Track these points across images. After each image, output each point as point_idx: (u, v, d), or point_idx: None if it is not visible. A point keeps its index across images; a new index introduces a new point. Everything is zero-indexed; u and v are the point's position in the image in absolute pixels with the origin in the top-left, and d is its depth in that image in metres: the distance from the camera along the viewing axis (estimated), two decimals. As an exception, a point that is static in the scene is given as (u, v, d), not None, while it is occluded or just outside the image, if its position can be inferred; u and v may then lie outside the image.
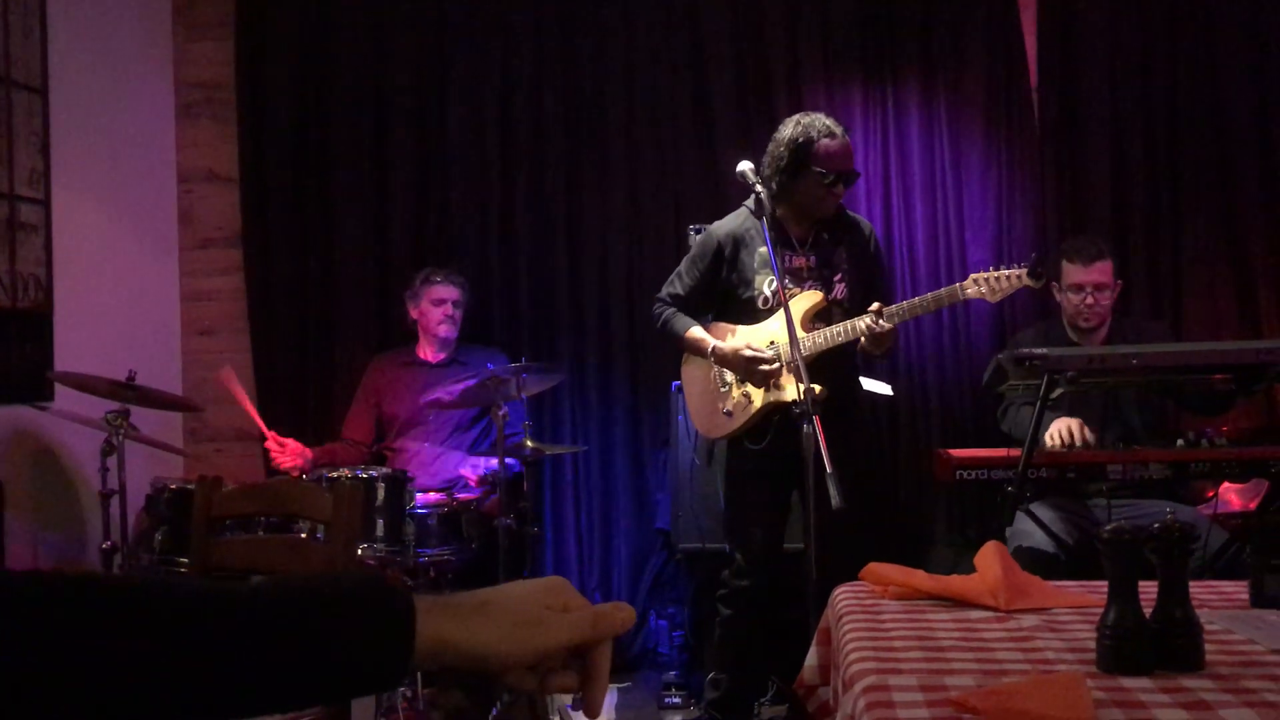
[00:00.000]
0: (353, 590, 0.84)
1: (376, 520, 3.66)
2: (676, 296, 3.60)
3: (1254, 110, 4.46)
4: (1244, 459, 3.22)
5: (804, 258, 3.48)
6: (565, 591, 0.92)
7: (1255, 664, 1.39)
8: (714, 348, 3.45)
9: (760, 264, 3.45)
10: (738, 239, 3.49)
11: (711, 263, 3.53)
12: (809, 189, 3.41)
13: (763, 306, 3.45)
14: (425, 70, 4.83)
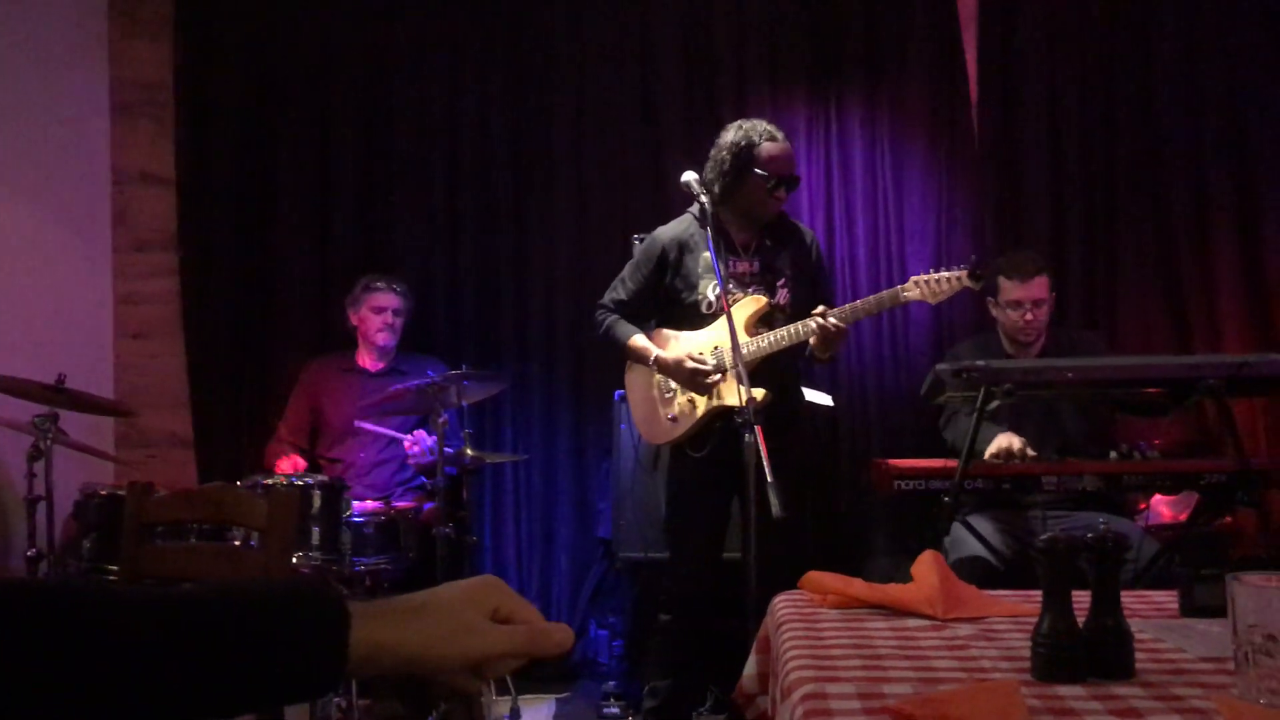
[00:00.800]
0: (285, 595, 0.82)
1: (312, 528, 3.60)
2: (619, 302, 3.59)
3: (1187, 129, 4.56)
4: (1175, 472, 3.29)
5: (748, 263, 3.50)
6: (498, 592, 0.91)
7: (1184, 671, 1.41)
8: (657, 357, 3.45)
9: (704, 269, 3.45)
10: (682, 244, 3.50)
11: (655, 267, 3.53)
12: (751, 193, 3.42)
13: (706, 311, 3.46)
14: (370, 74, 4.79)
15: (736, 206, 3.48)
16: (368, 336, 4.35)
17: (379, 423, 4.24)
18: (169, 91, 4.82)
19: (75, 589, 0.80)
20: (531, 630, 0.91)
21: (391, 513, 3.88)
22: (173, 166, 4.82)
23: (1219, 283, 4.51)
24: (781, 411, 3.36)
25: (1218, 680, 1.36)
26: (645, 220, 4.21)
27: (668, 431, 3.52)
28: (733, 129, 3.48)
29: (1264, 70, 4.52)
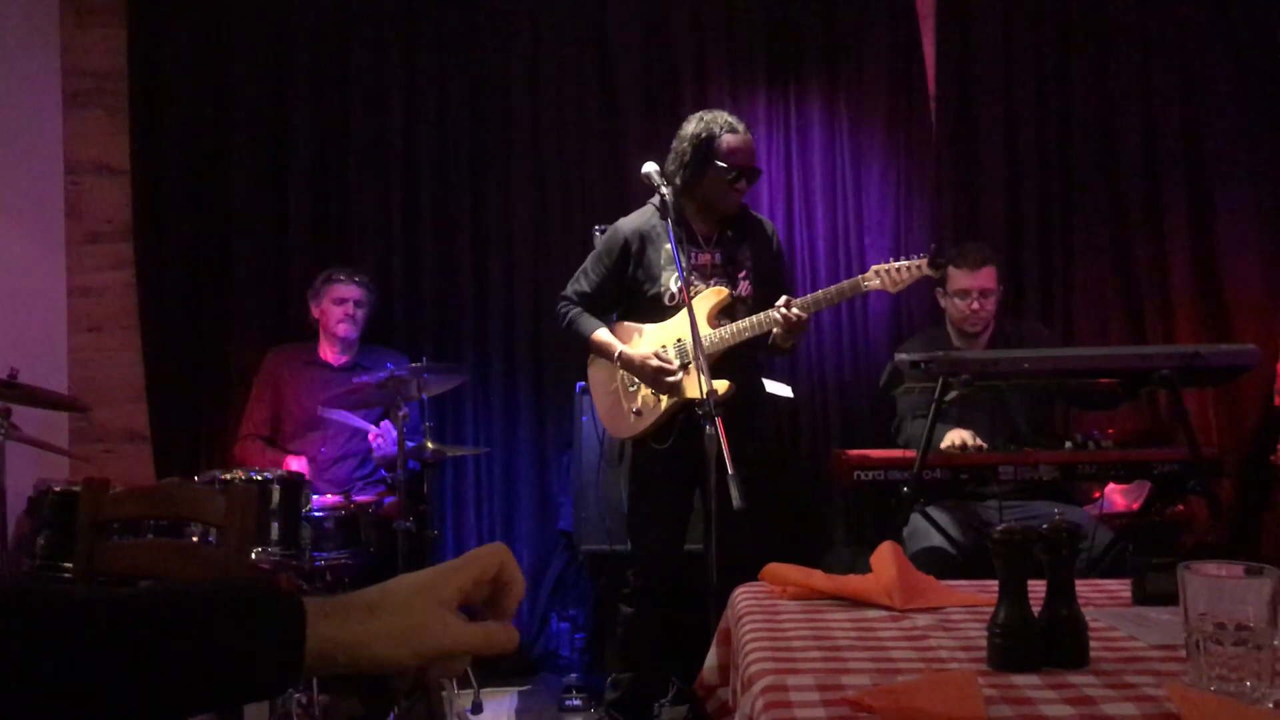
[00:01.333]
0: (241, 595, 0.82)
1: (271, 523, 3.57)
2: (582, 294, 3.59)
3: (1140, 122, 4.62)
4: (1128, 461, 3.33)
5: (709, 254, 3.51)
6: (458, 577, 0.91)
7: (1137, 659, 1.43)
8: (621, 353, 3.45)
9: (666, 260, 3.46)
10: (644, 235, 3.50)
11: (618, 259, 3.53)
12: (712, 184, 3.43)
13: (669, 303, 3.46)
14: (327, 63, 4.75)
15: (697, 198, 3.49)
16: (329, 328, 4.32)
17: (334, 433, 4.22)
18: (122, 80, 4.75)
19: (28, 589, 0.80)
20: (485, 631, 0.91)
21: (352, 507, 3.86)
22: (126, 157, 4.75)
23: (1172, 275, 4.58)
24: (742, 403, 3.38)
25: (1169, 668, 1.38)
26: (605, 212, 4.21)
27: (632, 425, 3.53)
28: (694, 120, 3.49)
29: (1217, 64, 4.59)
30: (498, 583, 0.94)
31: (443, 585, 0.90)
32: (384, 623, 0.85)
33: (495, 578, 0.94)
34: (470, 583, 0.92)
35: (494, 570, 0.93)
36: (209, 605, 0.81)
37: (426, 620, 0.87)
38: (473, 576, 0.92)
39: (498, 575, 0.94)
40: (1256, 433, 4.42)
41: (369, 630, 0.85)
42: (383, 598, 0.87)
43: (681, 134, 3.50)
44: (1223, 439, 4.44)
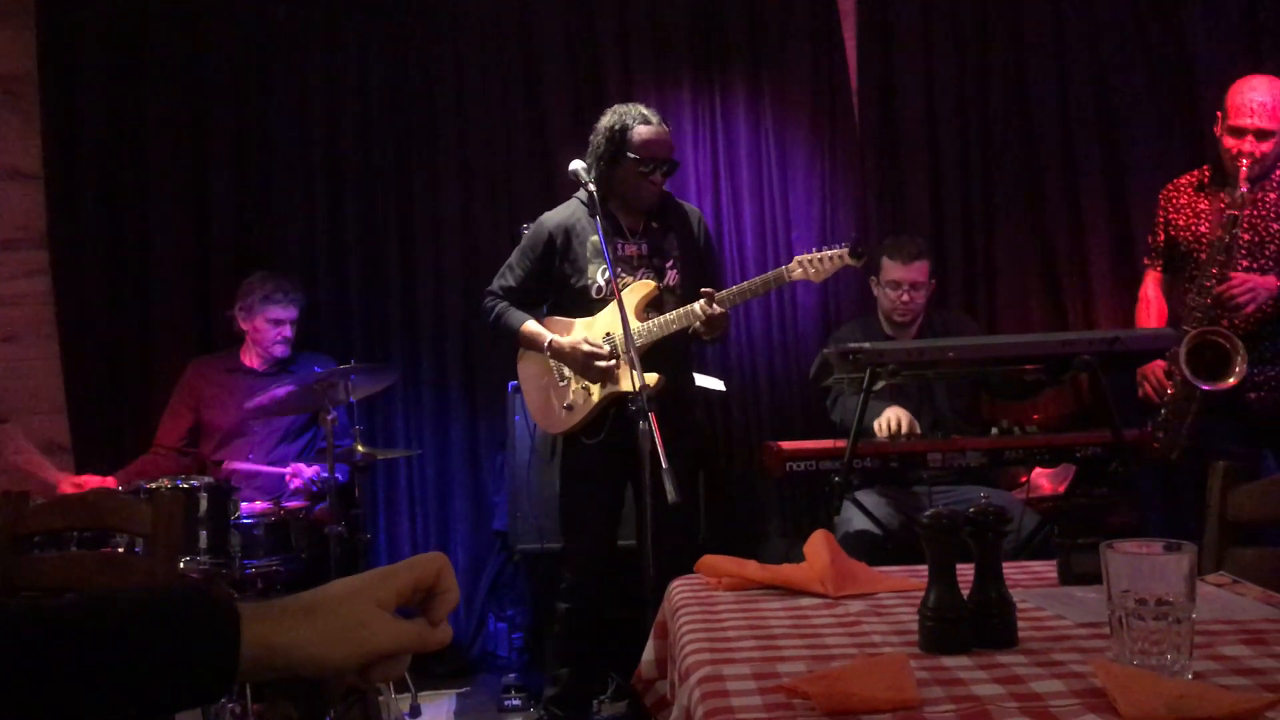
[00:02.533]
0: (172, 600, 0.81)
1: (199, 532, 3.51)
2: (508, 289, 3.57)
3: (1058, 115, 4.70)
4: (1054, 446, 3.41)
5: (635, 246, 3.51)
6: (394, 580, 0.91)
7: (1064, 638, 1.46)
8: (551, 342, 3.44)
9: (592, 253, 3.45)
10: (569, 229, 3.49)
11: (543, 253, 3.52)
12: (627, 177, 3.43)
13: (596, 296, 3.46)
14: (245, 63, 4.67)
15: (615, 190, 3.48)
16: (263, 346, 4.23)
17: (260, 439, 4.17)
18: (32, 83, 4.61)
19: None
20: (420, 629, 0.91)
21: (281, 513, 3.80)
22: (39, 162, 4.62)
23: (1091, 263, 4.67)
24: (673, 396, 3.39)
25: (1094, 644, 1.41)
26: (532, 207, 4.19)
27: (564, 420, 3.52)
28: (608, 113, 3.50)
29: (1130, 58, 4.69)
30: (433, 591, 0.94)
31: (379, 588, 0.90)
32: (320, 624, 0.85)
33: (431, 586, 0.94)
34: (409, 588, 0.92)
35: (431, 579, 0.93)
36: (139, 611, 0.79)
37: (363, 620, 0.87)
38: (411, 582, 0.92)
39: (434, 584, 0.94)
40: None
41: (305, 632, 0.84)
42: (318, 600, 0.87)
43: (597, 127, 3.50)
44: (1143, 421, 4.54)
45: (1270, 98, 3.64)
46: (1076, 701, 1.18)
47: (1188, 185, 3.93)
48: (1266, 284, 3.58)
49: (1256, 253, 3.70)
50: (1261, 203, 3.72)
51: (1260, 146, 3.63)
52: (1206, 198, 3.84)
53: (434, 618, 0.94)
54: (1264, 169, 3.70)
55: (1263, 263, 3.69)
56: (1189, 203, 3.89)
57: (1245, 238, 3.69)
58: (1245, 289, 3.56)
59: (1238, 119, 3.65)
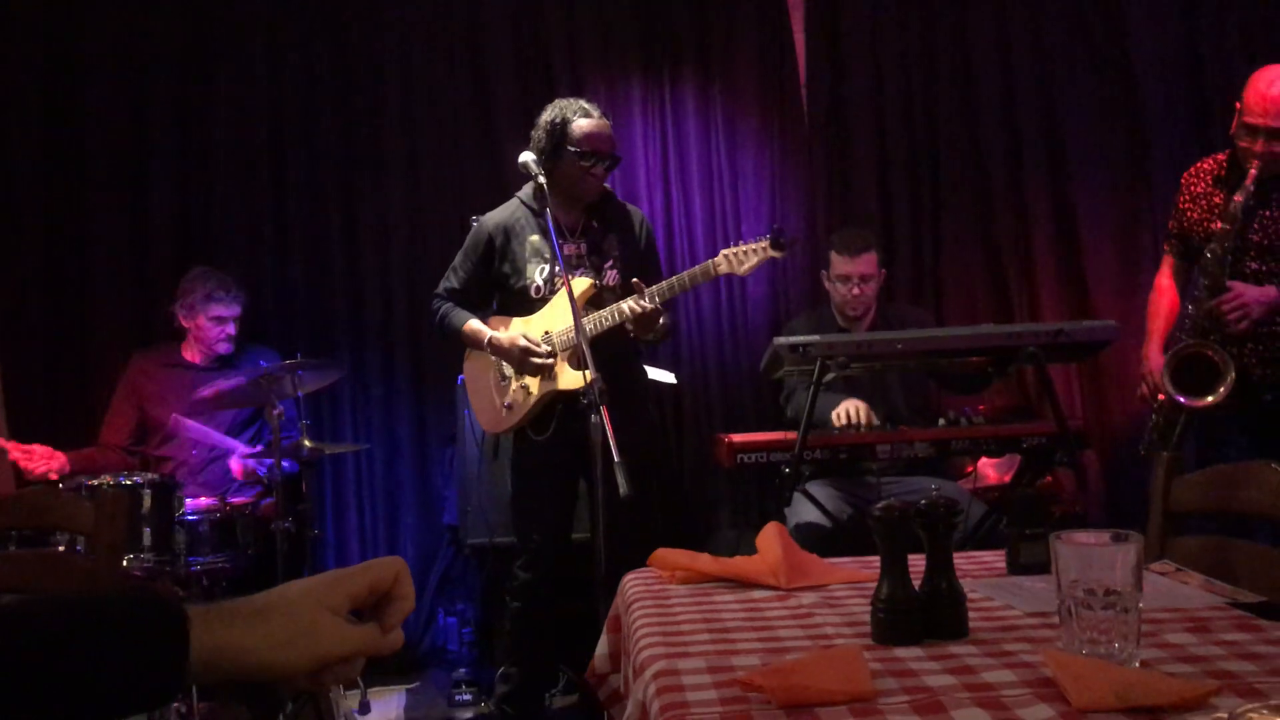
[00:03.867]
0: (120, 604, 0.79)
1: (143, 529, 3.46)
2: (452, 290, 3.58)
3: (1003, 108, 4.76)
4: (999, 436, 3.45)
5: (574, 245, 3.50)
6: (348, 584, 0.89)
7: (1013, 628, 1.48)
8: (490, 338, 3.45)
9: (531, 253, 3.45)
10: (508, 229, 3.49)
11: (483, 254, 3.53)
12: (567, 170, 3.42)
13: (535, 295, 3.45)
14: (186, 51, 4.59)
15: (557, 186, 3.45)
16: (206, 344, 4.16)
17: (206, 422, 4.10)
18: (-35, 72, 4.51)
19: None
20: (371, 633, 0.90)
21: (227, 509, 3.75)
22: (-27, 156, 4.52)
23: (1036, 256, 4.74)
24: (620, 390, 3.37)
25: (1043, 634, 1.43)
26: (482, 201, 4.16)
27: (503, 420, 3.53)
28: (549, 108, 3.49)
29: (1073, 54, 4.76)
30: (389, 596, 0.93)
31: (333, 592, 0.88)
32: (272, 628, 0.83)
33: (388, 590, 0.92)
34: (363, 591, 0.90)
35: (387, 583, 0.92)
36: (85, 615, 0.78)
37: (314, 625, 0.85)
38: (366, 585, 0.91)
39: (391, 589, 0.92)
40: (1118, 405, 4.61)
41: (256, 636, 0.83)
42: (270, 603, 0.86)
43: (538, 121, 3.49)
44: (1086, 412, 4.62)
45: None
46: (1027, 691, 1.19)
47: (1208, 173, 3.65)
48: (1262, 297, 3.36)
49: (1267, 255, 3.47)
50: (1276, 203, 3.47)
51: (1274, 147, 3.36)
52: (1222, 191, 3.56)
53: (387, 624, 0.93)
54: (1277, 170, 3.43)
55: (1273, 265, 3.47)
56: (1205, 193, 3.63)
57: (1256, 239, 3.47)
58: (1235, 305, 3.35)
59: (1251, 116, 3.38)
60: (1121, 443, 4.56)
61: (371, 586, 0.91)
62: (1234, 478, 1.86)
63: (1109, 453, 4.63)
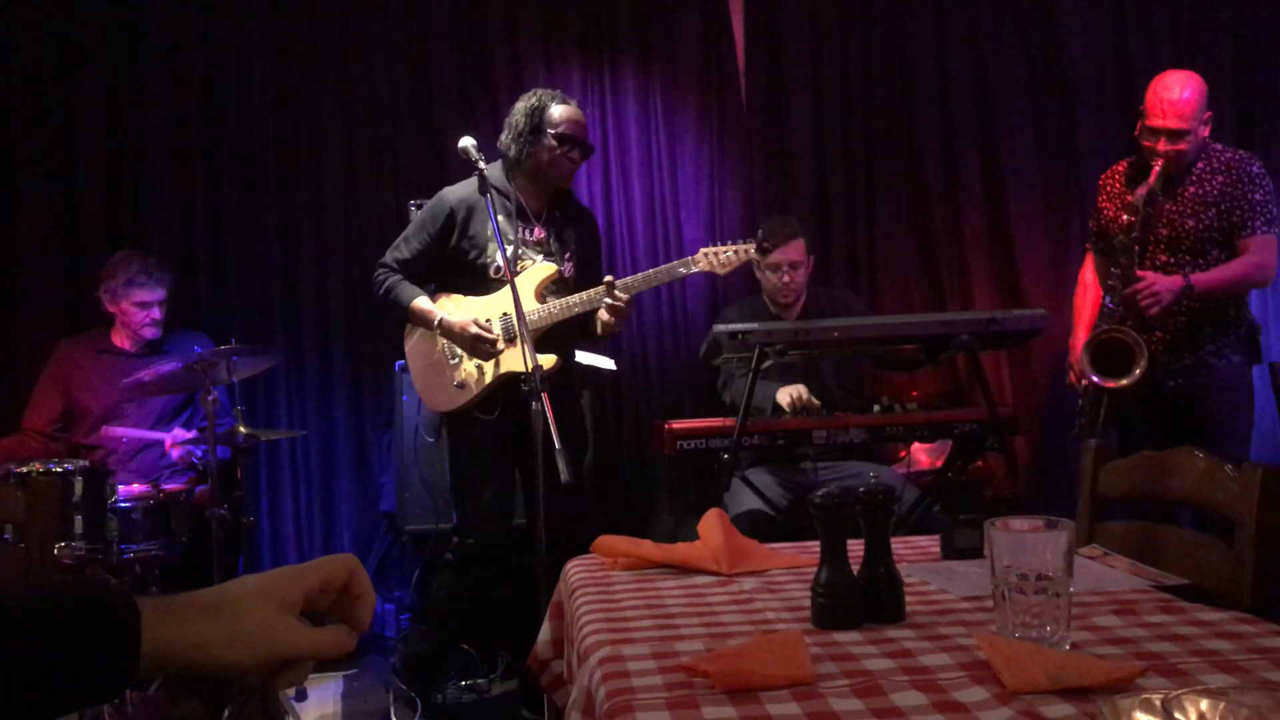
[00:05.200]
0: (68, 597, 0.79)
1: (74, 517, 3.41)
2: (403, 262, 3.49)
3: (937, 101, 4.83)
4: (933, 422, 3.52)
5: (540, 229, 3.50)
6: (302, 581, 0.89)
7: (949, 612, 1.52)
8: (441, 320, 3.40)
9: (493, 232, 3.41)
10: (471, 205, 3.43)
11: (443, 227, 3.45)
12: (545, 153, 3.42)
13: (494, 275, 3.42)
14: (117, 32, 4.49)
15: (531, 169, 3.46)
16: (132, 330, 4.09)
17: (135, 422, 4.03)
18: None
19: None
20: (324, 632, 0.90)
21: (161, 496, 3.70)
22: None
23: (968, 246, 4.82)
24: (561, 378, 3.40)
25: (978, 618, 1.47)
26: (419, 186, 4.15)
27: (454, 398, 3.47)
28: (525, 96, 3.51)
29: (1007, 48, 4.84)
30: (348, 594, 0.93)
31: (285, 589, 0.88)
32: (223, 624, 0.83)
33: (345, 588, 0.92)
34: (316, 589, 0.90)
35: (341, 579, 0.92)
36: (34, 609, 0.77)
37: (267, 622, 0.85)
38: (318, 583, 0.91)
39: (347, 586, 0.92)
40: (1047, 392, 4.72)
41: (207, 631, 0.83)
42: (223, 599, 0.85)
43: (516, 108, 3.49)
44: (1017, 398, 4.72)
45: (1182, 96, 3.57)
46: (963, 674, 1.23)
47: (1122, 173, 3.88)
48: (1170, 285, 3.53)
49: (1174, 247, 3.68)
50: (1180, 197, 3.67)
51: (1174, 147, 3.58)
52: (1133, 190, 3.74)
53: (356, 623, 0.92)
54: (1180, 168, 3.65)
55: (1180, 257, 3.67)
56: (1119, 191, 3.83)
57: (1164, 233, 3.67)
58: (1149, 293, 3.51)
59: (1151, 119, 3.61)
60: (1049, 428, 4.67)
61: (324, 584, 0.91)
62: (1160, 465, 1.92)
63: (1037, 438, 4.73)
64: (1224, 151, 3.72)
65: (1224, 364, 3.71)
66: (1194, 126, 3.59)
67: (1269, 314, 4.75)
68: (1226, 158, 3.70)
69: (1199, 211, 3.66)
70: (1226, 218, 3.65)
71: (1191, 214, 3.67)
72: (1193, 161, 3.68)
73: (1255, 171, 3.67)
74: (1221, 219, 3.65)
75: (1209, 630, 1.37)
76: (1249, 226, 3.64)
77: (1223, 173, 3.67)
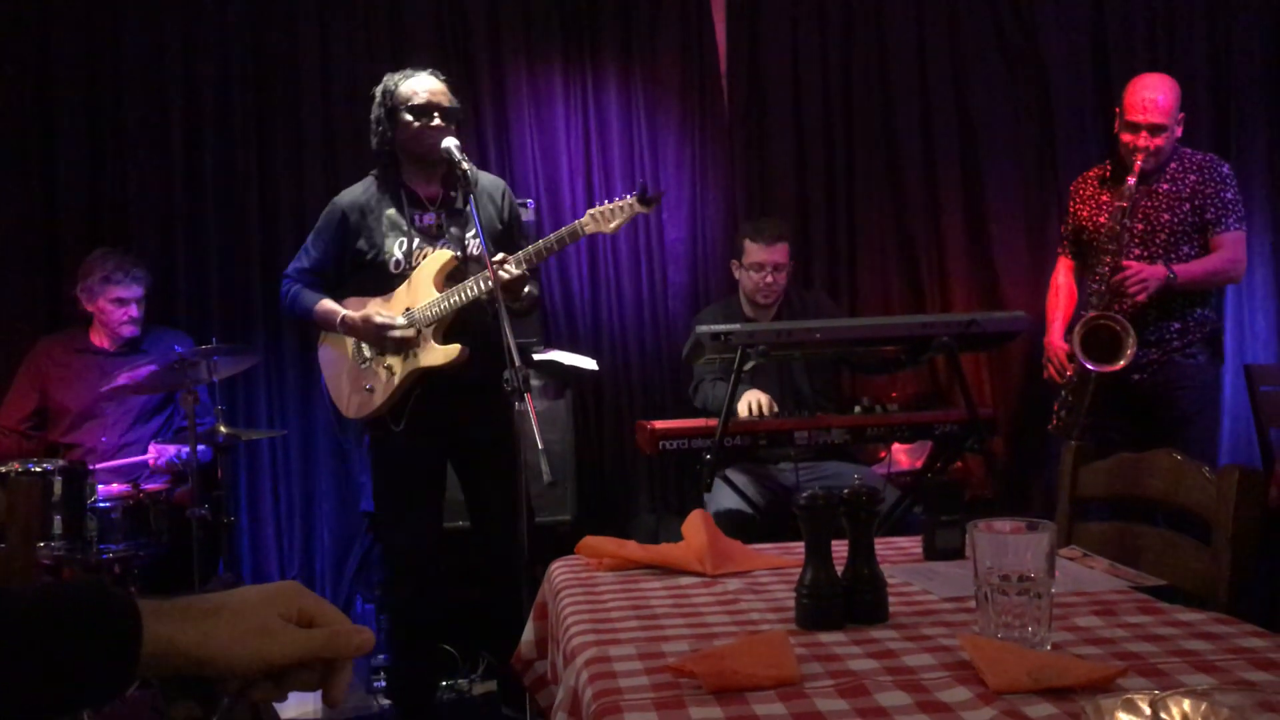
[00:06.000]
0: (69, 599, 0.79)
1: (53, 516, 3.39)
2: (302, 271, 3.45)
3: (918, 103, 4.85)
4: (913, 423, 3.54)
5: (434, 215, 3.43)
6: (299, 595, 0.91)
7: (931, 612, 1.53)
8: (343, 317, 3.33)
9: (388, 226, 3.36)
10: (362, 206, 3.39)
11: (336, 232, 3.40)
12: (407, 131, 3.36)
13: (395, 270, 3.35)
14: (96, 28, 4.46)
15: (407, 154, 3.40)
16: (110, 328, 4.07)
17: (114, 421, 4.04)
18: None
19: None
20: (330, 633, 0.91)
21: (140, 496, 3.68)
22: None
23: (948, 248, 4.85)
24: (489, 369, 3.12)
25: (960, 618, 1.49)
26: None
27: (366, 403, 3.39)
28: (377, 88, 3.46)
29: (985, 49, 4.87)
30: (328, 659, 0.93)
31: (284, 600, 0.89)
32: (224, 625, 0.84)
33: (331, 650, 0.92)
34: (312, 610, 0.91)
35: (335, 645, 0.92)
36: (35, 610, 0.78)
37: (266, 625, 0.86)
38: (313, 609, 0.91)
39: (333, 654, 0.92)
40: (1024, 393, 4.75)
41: (208, 631, 0.84)
42: (224, 601, 0.87)
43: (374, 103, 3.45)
44: (995, 399, 4.75)
45: (1162, 95, 3.80)
46: (947, 674, 1.24)
47: (1094, 178, 4.08)
48: (1156, 274, 3.72)
49: (1148, 241, 3.86)
50: (1154, 194, 3.87)
51: (1154, 141, 3.79)
52: (1108, 191, 3.98)
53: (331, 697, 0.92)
54: (1158, 163, 3.86)
55: (1153, 250, 3.85)
56: (1093, 195, 4.04)
57: (1139, 227, 3.86)
58: (1137, 280, 3.70)
59: (1132, 115, 3.81)
60: (1026, 429, 4.70)
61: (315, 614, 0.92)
62: (1138, 466, 1.95)
63: (1016, 438, 4.77)
64: (1194, 154, 3.97)
65: (1191, 363, 3.89)
66: (1171, 124, 3.83)
67: (1244, 318, 4.81)
68: (1198, 159, 3.94)
69: (1174, 206, 3.86)
70: (1200, 214, 3.86)
71: (1166, 208, 3.87)
72: (1167, 160, 3.89)
73: (1225, 172, 3.91)
74: (1195, 214, 3.86)
75: (1187, 631, 1.39)
76: (1222, 223, 3.86)
77: (1195, 172, 3.89)
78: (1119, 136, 3.90)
